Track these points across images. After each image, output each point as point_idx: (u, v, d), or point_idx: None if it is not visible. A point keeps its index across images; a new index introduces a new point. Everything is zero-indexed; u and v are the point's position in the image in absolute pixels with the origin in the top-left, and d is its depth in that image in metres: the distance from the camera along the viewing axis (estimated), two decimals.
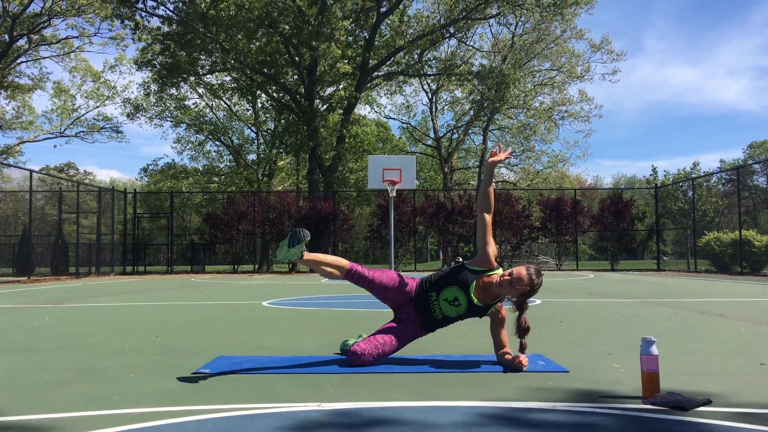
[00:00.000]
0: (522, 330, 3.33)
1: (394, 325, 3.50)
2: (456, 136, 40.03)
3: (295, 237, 3.35)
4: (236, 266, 23.14)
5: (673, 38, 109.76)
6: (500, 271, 3.44)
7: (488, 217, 3.50)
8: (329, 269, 3.48)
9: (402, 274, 3.67)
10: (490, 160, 3.66)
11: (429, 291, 3.45)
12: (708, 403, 2.48)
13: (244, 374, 3.15)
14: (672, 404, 2.44)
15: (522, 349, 3.33)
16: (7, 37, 27.89)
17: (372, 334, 3.47)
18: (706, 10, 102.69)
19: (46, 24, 28.48)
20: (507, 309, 3.46)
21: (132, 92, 39.83)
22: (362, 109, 38.88)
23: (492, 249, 3.43)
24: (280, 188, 38.44)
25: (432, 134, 41.87)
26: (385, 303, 3.64)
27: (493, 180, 3.66)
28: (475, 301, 3.36)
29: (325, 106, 28.64)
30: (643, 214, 25.20)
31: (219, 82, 34.26)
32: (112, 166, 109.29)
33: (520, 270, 3.30)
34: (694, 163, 36.14)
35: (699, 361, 3.52)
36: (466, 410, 2.43)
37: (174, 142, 40.55)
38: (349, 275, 3.51)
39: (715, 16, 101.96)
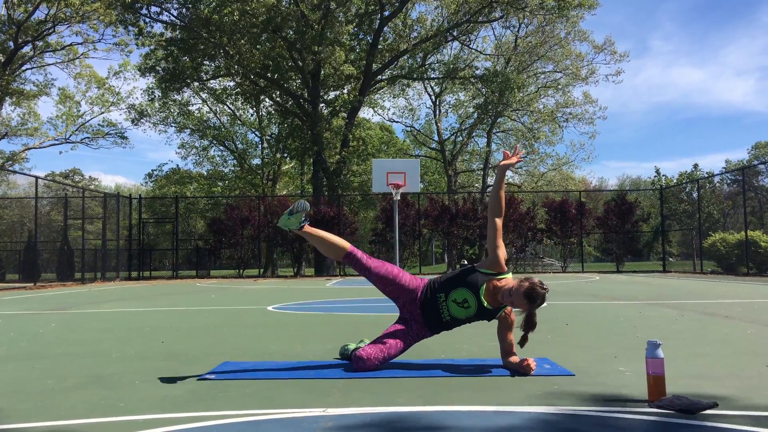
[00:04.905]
0: (529, 325, 3.28)
1: (399, 327, 3.49)
2: (460, 139, 40.01)
3: (296, 207, 3.51)
4: (241, 271, 23.18)
5: (680, 39, 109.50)
6: (510, 275, 3.43)
7: (499, 221, 3.49)
8: (329, 246, 3.59)
9: (408, 273, 3.66)
10: (502, 163, 3.62)
11: (438, 292, 3.43)
12: (714, 406, 2.48)
13: (250, 380, 3.16)
14: (678, 408, 2.44)
15: (522, 342, 3.29)
16: (12, 44, 28.00)
17: (376, 338, 3.47)
18: (712, 11, 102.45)
19: (50, 31, 28.55)
20: (516, 311, 3.45)
21: (136, 98, 39.78)
22: (366, 113, 38.95)
23: (502, 252, 3.43)
24: (284, 192, 38.49)
25: (436, 137, 41.88)
26: (387, 296, 3.64)
27: (505, 183, 3.63)
28: (485, 303, 3.35)
29: (329, 110, 28.69)
30: (648, 215, 25.13)
31: (222, 87, 34.37)
32: (118, 171, 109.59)
33: (519, 289, 3.21)
34: (694, 165, 36.01)
35: (705, 363, 3.50)
36: (471, 415, 2.43)
37: (178, 148, 40.60)
38: (347, 258, 3.58)
39: (721, 17, 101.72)
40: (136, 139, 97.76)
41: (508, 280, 3.37)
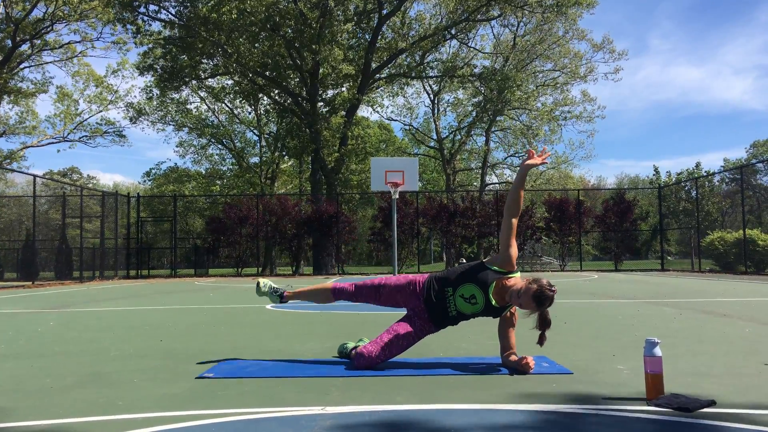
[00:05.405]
0: (544, 323, 3.26)
1: (401, 324, 3.48)
2: (458, 137, 39.99)
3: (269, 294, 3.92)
4: (240, 269, 23.17)
5: (679, 38, 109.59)
6: (518, 274, 3.42)
7: (515, 221, 3.47)
8: (317, 295, 3.85)
9: (400, 274, 3.67)
10: (525, 162, 3.56)
11: (445, 286, 3.42)
12: (712, 404, 2.48)
13: (248, 378, 3.16)
14: (676, 406, 2.44)
15: (541, 341, 3.25)
16: (10, 42, 27.94)
17: (378, 336, 3.47)
18: (711, 10, 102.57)
19: (48, 29, 28.49)
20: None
21: (134, 96, 39.78)
22: (364, 111, 38.94)
23: (514, 251, 3.42)
24: (282, 191, 38.46)
25: (434, 136, 41.87)
26: (389, 306, 3.64)
27: (524, 183, 3.57)
28: (493, 302, 3.34)
29: (327, 109, 28.66)
30: (646, 213, 25.18)
31: (221, 86, 34.32)
32: (116, 169, 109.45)
33: (528, 291, 3.20)
34: (696, 164, 36.02)
35: (703, 362, 3.51)
36: (470, 413, 2.43)
37: (176, 146, 40.61)
38: (335, 294, 3.77)
39: (720, 16, 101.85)
40: (134, 138, 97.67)
41: (517, 279, 3.36)
